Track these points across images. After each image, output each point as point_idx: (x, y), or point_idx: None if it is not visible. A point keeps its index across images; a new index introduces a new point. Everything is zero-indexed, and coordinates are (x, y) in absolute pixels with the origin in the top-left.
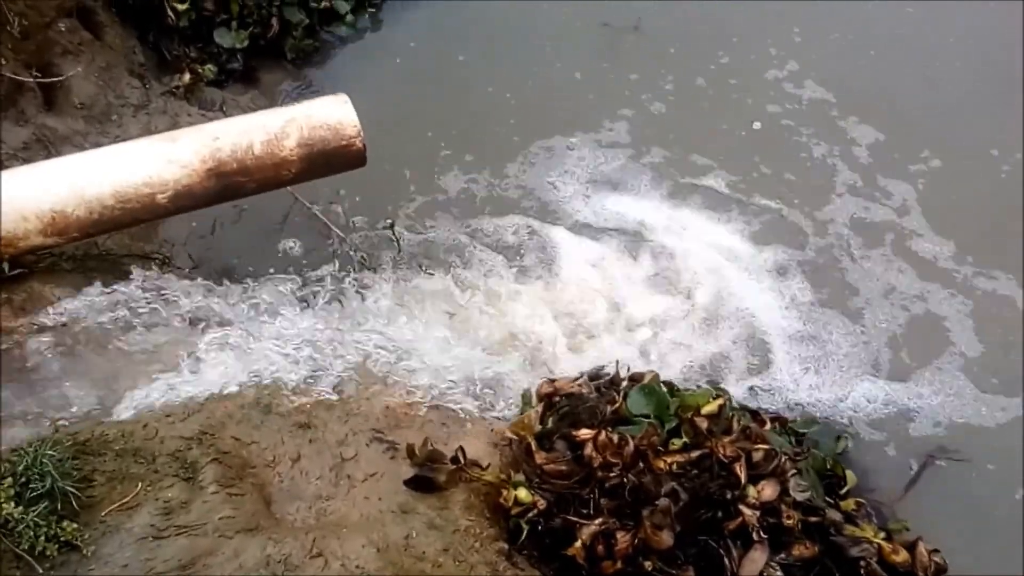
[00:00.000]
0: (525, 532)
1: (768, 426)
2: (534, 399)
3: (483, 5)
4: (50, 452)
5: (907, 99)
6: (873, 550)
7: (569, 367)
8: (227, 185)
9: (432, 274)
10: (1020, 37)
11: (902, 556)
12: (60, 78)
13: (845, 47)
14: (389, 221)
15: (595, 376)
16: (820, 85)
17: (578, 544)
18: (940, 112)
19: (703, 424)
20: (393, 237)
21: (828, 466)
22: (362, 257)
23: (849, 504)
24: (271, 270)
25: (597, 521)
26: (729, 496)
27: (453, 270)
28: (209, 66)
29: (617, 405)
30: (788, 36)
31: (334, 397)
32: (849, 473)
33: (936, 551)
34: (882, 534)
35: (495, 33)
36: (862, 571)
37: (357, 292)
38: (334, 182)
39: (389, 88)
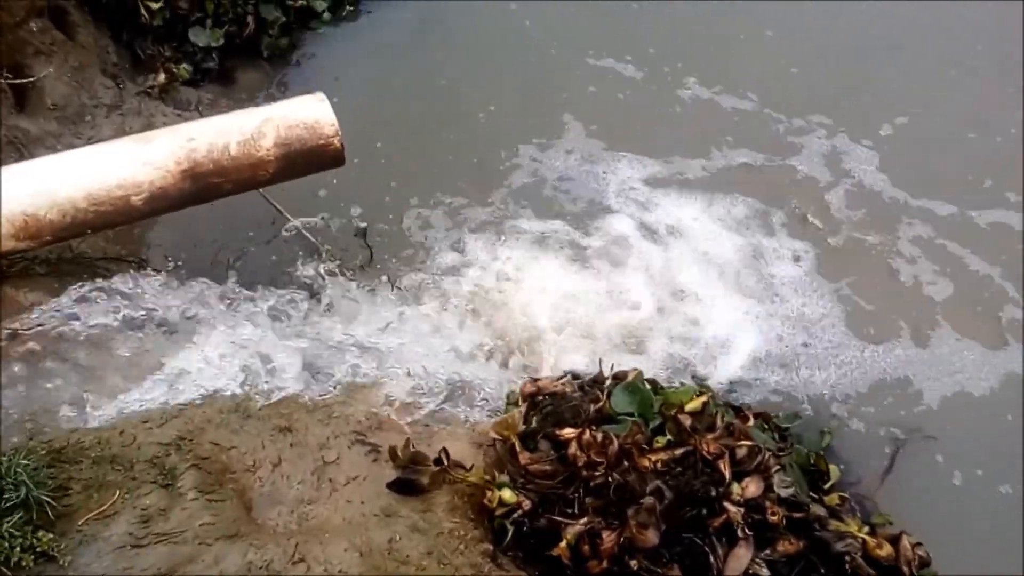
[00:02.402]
0: (510, 533)
1: (751, 422)
2: (518, 399)
3: (461, 4)
4: (24, 461)
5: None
6: (857, 545)
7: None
8: (203, 186)
9: (410, 278)
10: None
11: (886, 550)
12: (32, 79)
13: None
14: (363, 225)
15: (578, 375)
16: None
17: (563, 544)
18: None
19: (687, 421)
20: (365, 244)
21: (811, 461)
22: (337, 261)
23: (833, 499)
24: (248, 273)
25: (582, 521)
26: (714, 493)
27: (431, 275)
28: (184, 65)
29: (601, 404)
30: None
31: (314, 400)
32: (832, 467)
33: (919, 544)
34: (866, 528)
35: (473, 31)
36: (847, 566)
37: (334, 296)
38: (309, 182)
39: (367, 86)
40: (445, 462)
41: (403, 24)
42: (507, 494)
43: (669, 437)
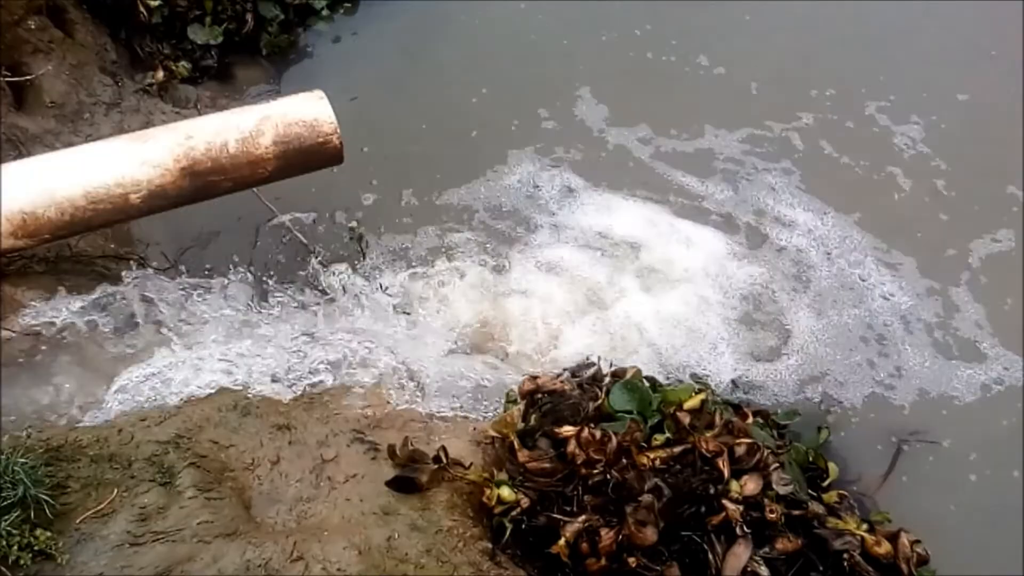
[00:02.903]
0: (509, 531)
1: (750, 420)
2: (516, 396)
3: (459, 3)
4: (22, 459)
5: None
6: (856, 542)
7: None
8: (202, 184)
9: (407, 275)
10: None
11: (885, 548)
12: (30, 77)
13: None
14: (355, 225)
15: (577, 372)
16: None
17: (562, 542)
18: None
19: (686, 419)
20: (360, 244)
21: (810, 458)
22: (332, 259)
23: (832, 496)
24: (242, 272)
25: (581, 518)
26: (712, 491)
27: (427, 271)
28: (183, 63)
29: (599, 401)
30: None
31: (312, 398)
32: (831, 465)
33: (918, 542)
34: (865, 526)
35: (471, 29)
36: (845, 564)
37: (328, 294)
38: (305, 180)
39: (367, 83)
40: (444, 460)
41: (402, 20)
42: (506, 492)
43: (668, 435)
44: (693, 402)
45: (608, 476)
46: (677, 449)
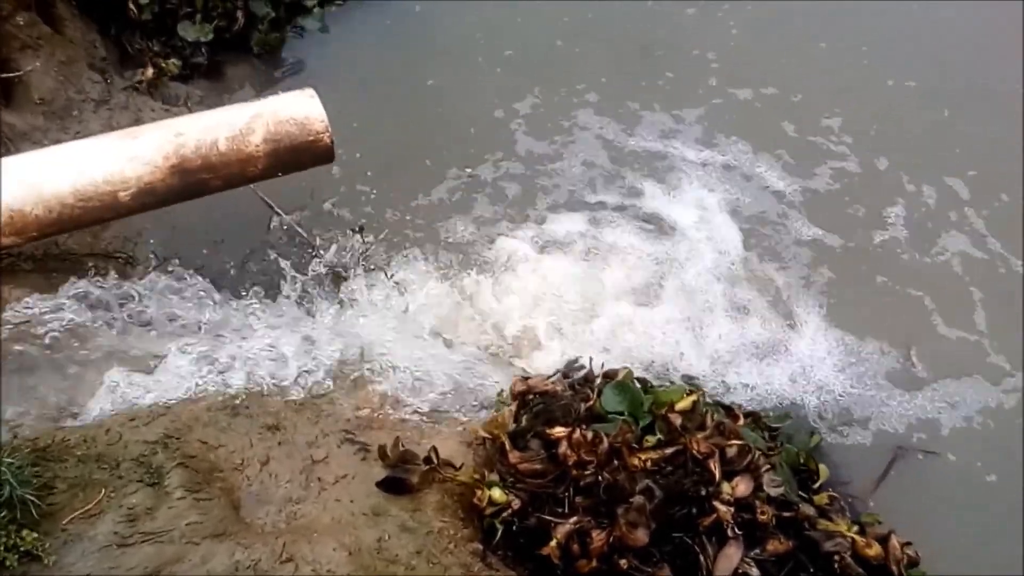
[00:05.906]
0: (500, 532)
1: (742, 421)
2: (508, 397)
3: (450, 2)
4: (8, 459)
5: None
6: (847, 544)
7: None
8: (191, 182)
9: (400, 276)
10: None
11: (875, 550)
12: (18, 73)
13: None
14: (360, 224)
15: (569, 373)
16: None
17: (553, 543)
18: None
19: (677, 420)
20: (361, 239)
21: (801, 460)
22: (327, 258)
23: (822, 498)
24: (237, 270)
25: (572, 520)
26: (704, 492)
27: (421, 271)
28: (173, 60)
29: (591, 402)
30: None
31: (303, 398)
32: (822, 467)
33: (908, 543)
34: (855, 528)
35: (461, 26)
36: (836, 565)
37: (324, 293)
38: (299, 179)
39: (358, 81)
40: (435, 461)
41: (393, 18)
42: (497, 493)
43: (659, 436)
44: (685, 403)
45: (599, 477)
46: (668, 450)
